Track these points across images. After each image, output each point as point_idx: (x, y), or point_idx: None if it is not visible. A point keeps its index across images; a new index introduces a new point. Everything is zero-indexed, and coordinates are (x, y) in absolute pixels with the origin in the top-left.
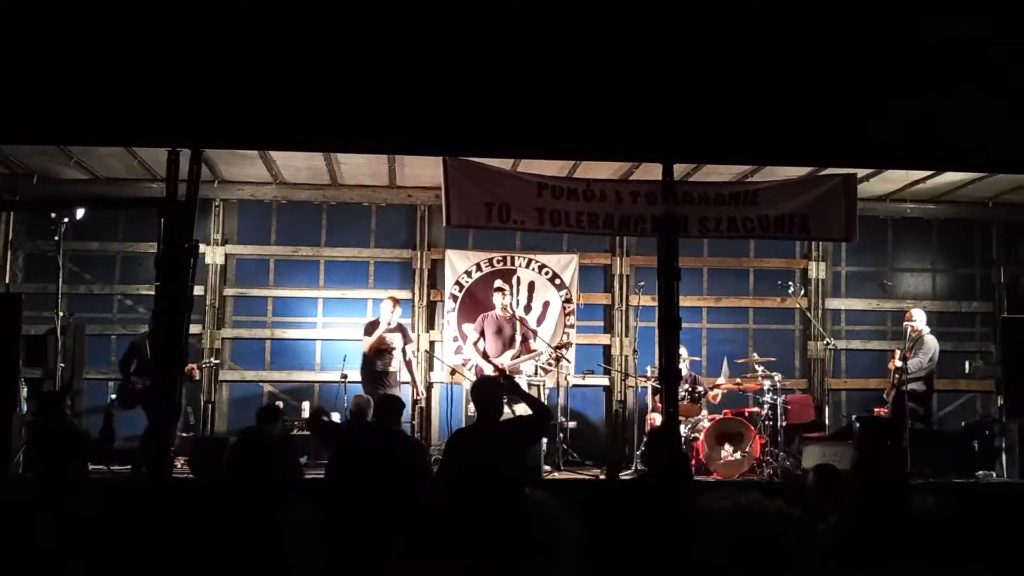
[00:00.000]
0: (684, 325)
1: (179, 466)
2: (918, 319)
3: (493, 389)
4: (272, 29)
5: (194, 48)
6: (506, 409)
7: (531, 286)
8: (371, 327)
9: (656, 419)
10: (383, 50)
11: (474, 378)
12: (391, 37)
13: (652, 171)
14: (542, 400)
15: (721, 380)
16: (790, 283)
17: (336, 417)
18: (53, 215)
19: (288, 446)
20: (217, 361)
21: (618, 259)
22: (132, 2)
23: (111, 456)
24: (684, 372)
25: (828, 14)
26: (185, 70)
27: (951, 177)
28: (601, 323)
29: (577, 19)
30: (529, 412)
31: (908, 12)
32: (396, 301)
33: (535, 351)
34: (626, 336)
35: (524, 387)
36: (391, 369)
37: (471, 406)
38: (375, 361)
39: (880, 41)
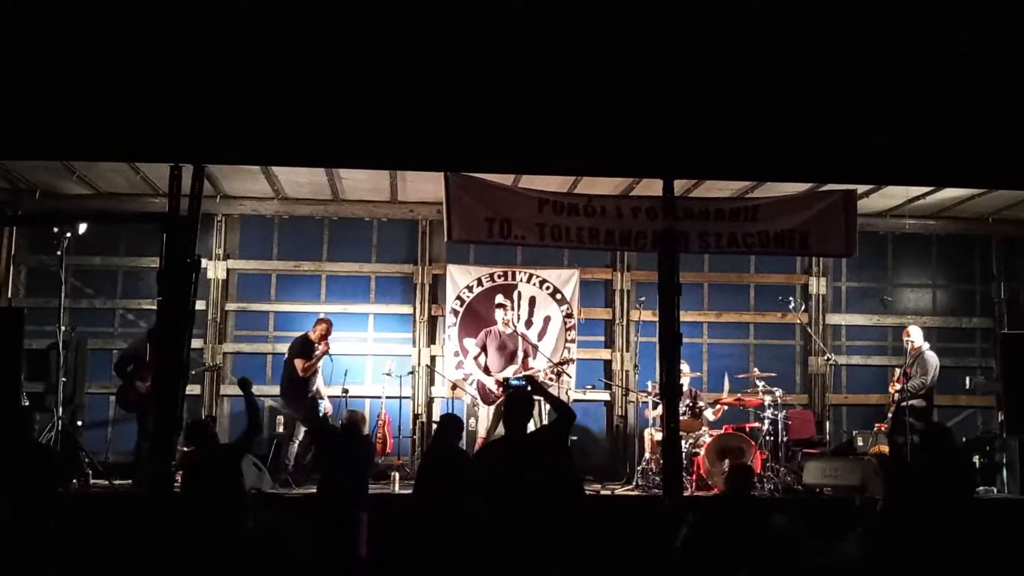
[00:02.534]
0: (685, 340)
1: (180, 480)
2: (915, 336)
3: (526, 402)
4: (275, 46)
5: (197, 64)
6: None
7: (532, 301)
8: (305, 347)
9: (656, 434)
10: (385, 66)
11: (475, 393)
12: (393, 54)
13: (652, 187)
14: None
15: (724, 395)
16: (791, 298)
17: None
18: (55, 230)
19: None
20: (217, 364)
21: (619, 274)
22: (135, 19)
23: (71, 475)
24: (685, 387)
25: (828, 31)
26: (188, 86)
27: (951, 193)
28: (602, 338)
29: (578, 36)
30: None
31: (908, 30)
32: (330, 323)
33: (532, 369)
34: (627, 351)
35: None
36: (317, 386)
37: (472, 420)
38: (308, 381)
39: (880, 58)
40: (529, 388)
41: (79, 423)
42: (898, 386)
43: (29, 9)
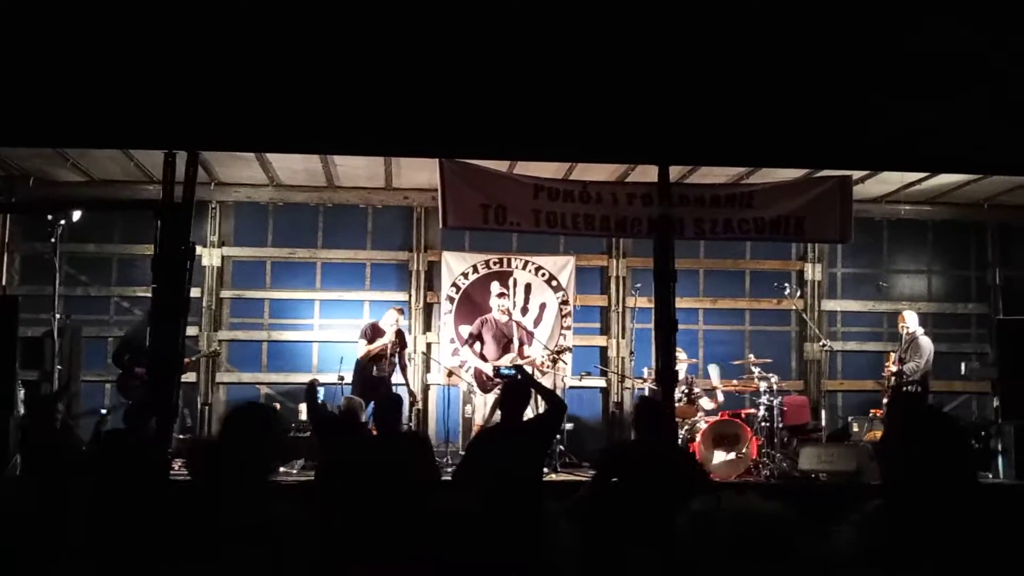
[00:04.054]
0: (680, 327)
1: (176, 468)
2: (910, 321)
3: (523, 392)
4: (269, 32)
5: (191, 51)
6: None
7: (528, 288)
8: (372, 333)
9: None
10: (379, 52)
11: (471, 380)
12: (388, 39)
13: (648, 173)
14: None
15: (717, 384)
16: (786, 285)
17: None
18: (49, 217)
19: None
20: (213, 348)
21: (614, 261)
22: (129, 5)
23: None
24: (681, 374)
25: (825, 17)
26: (182, 72)
27: (946, 179)
28: (598, 325)
29: (573, 21)
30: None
31: (905, 17)
32: (401, 312)
33: (528, 358)
34: (622, 338)
35: None
36: (384, 374)
37: (467, 407)
38: (371, 366)
39: (876, 44)
40: (520, 377)
41: (103, 411)
42: (893, 368)
43: None
